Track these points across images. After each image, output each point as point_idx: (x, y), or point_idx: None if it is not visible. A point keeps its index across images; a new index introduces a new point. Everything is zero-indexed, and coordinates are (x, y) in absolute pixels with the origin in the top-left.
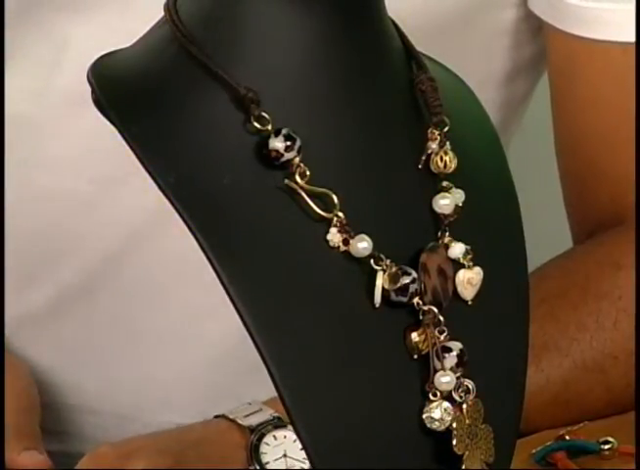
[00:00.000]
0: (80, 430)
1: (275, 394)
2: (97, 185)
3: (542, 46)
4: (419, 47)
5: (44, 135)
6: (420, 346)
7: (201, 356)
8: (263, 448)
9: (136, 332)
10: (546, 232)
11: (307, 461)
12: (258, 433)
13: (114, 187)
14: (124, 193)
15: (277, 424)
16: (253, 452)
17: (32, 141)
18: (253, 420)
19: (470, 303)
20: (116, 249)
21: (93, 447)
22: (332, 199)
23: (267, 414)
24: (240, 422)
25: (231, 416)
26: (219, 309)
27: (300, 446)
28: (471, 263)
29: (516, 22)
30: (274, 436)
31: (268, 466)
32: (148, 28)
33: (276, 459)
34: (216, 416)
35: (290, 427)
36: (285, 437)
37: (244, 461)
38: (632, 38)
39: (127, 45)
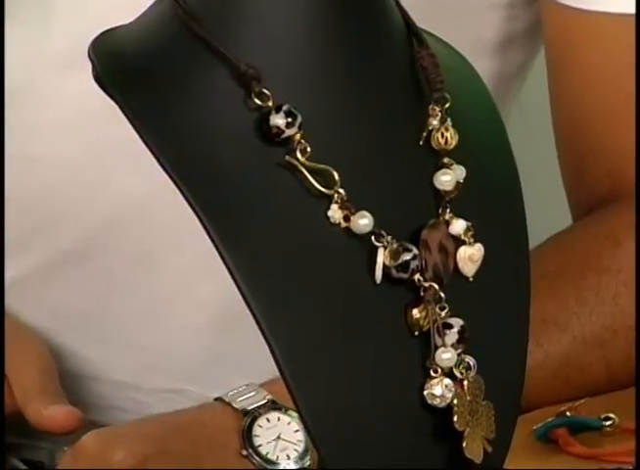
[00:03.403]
0: (82, 397)
1: (268, 362)
2: (90, 151)
3: (537, 17)
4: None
5: (34, 101)
6: (421, 322)
7: (193, 321)
8: (256, 431)
9: (129, 297)
10: (547, 209)
11: (301, 443)
12: (251, 416)
13: (107, 152)
14: (117, 158)
15: (271, 407)
16: (246, 435)
17: (23, 107)
18: (247, 403)
19: (471, 279)
20: (110, 214)
21: (77, 437)
22: (332, 175)
23: (261, 397)
24: (234, 405)
25: (226, 399)
26: (212, 275)
27: (294, 428)
28: (472, 240)
29: None
30: (267, 418)
31: (261, 449)
32: None
33: (269, 442)
34: (216, 399)
35: (284, 410)
36: (278, 419)
37: (235, 445)
38: (624, 9)
39: (114, 11)
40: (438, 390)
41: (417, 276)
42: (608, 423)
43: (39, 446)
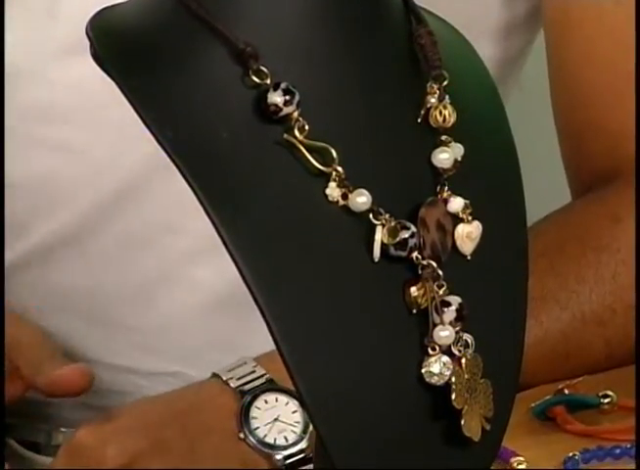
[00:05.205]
0: None
1: (265, 345)
2: (89, 134)
3: (537, 1)
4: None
5: (37, 84)
6: (419, 300)
7: (190, 304)
8: (254, 413)
9: (126, 280)
10: (545, 186)
11: (299, 425)
12: (249, 396)
13: (107, 135)
14: (117, 141)
15: (269, 387)
16: (244, 418)
17: (25, 90)
18: (245, 382)
19: (469, 257)
20: (109, 197)
21: (70, 432)
22: (331, 153)
23: (259, 376)
24: (232, 385)
25: (224, 377)
26: (208, 257)
27: (292, 409)
28: (470, 218)
29: None
30: (265, 400)
31: (258, 431)
32: None
33: (266, 424)
34: (213, 374)
35: (282, 390)
36: (276, 400)
37: (232, 428)
38: None
39: None
40: (436, 368)
41: (415, 254)
42: (606, 401)
43: (36, 427)
